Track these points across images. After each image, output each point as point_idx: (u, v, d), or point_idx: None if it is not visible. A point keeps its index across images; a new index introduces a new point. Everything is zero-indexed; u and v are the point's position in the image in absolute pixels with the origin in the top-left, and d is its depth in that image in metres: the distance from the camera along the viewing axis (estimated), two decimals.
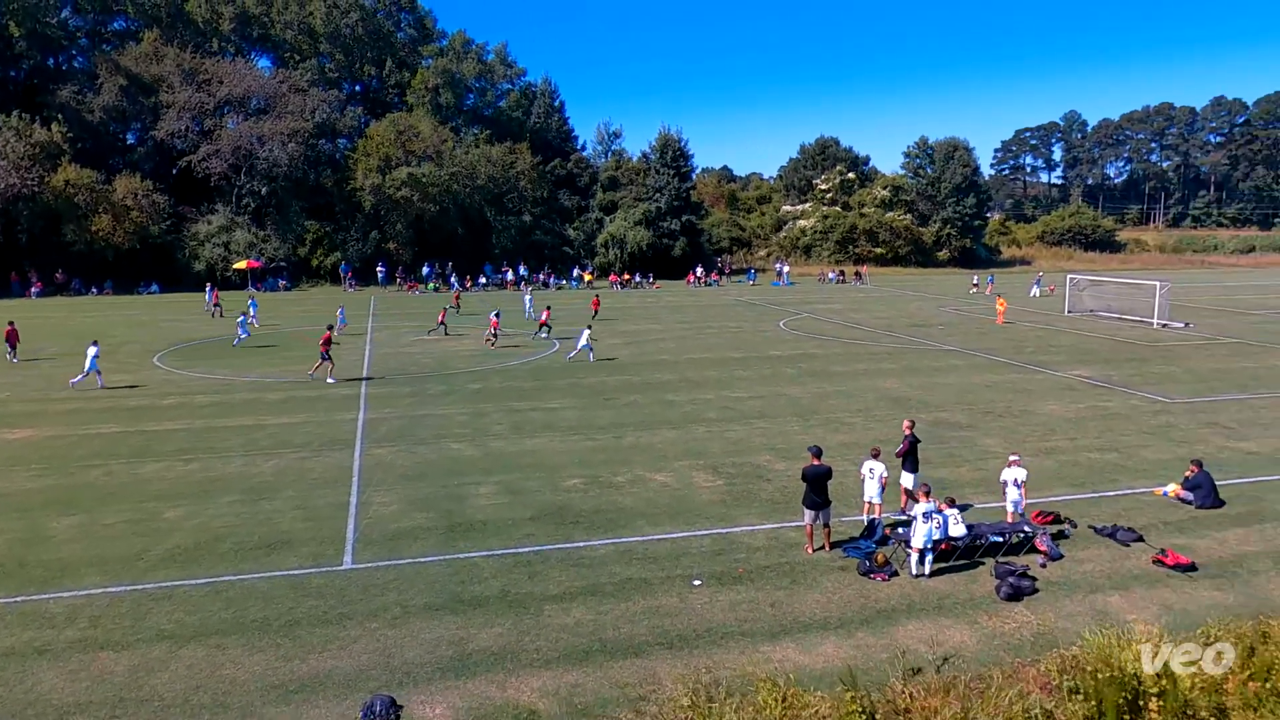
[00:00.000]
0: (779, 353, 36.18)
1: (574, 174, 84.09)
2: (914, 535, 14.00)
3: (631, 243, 76.14)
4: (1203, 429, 23.16)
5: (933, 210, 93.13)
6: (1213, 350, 36.74)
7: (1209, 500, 17.03)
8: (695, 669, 11.13)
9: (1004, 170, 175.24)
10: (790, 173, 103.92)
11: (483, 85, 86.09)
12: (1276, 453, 20.83)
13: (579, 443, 21.98)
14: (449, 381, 30.03)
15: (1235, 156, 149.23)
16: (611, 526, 16.11)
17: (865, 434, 21.77)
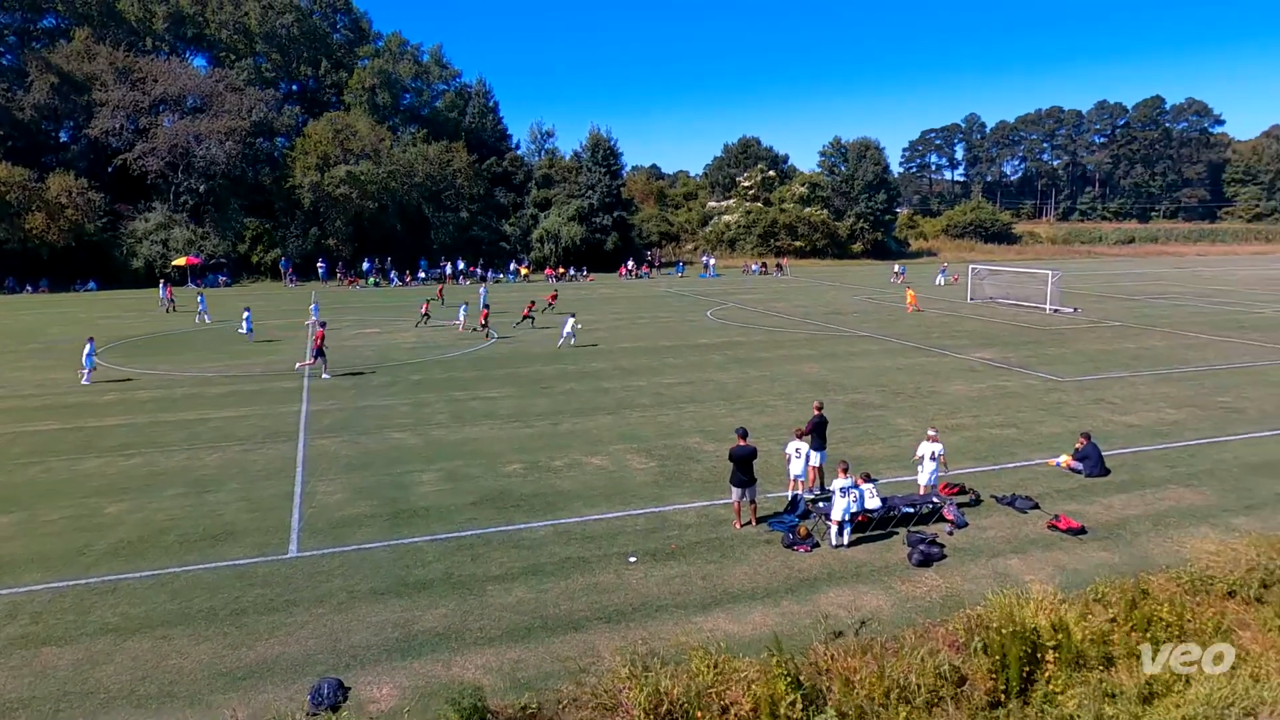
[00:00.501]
0: (707, 341, 36.44)
1: (509, 172, 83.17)
2: (833, 509, 14.29)
3: (565, 238, 75.79)
4: (1090, 405, 24.11)
5: (847, 206, 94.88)
6: (1098, 333, 38.27)
7: (1096, 469, 17.76)
8: (632, 640, 11.18)
9: (911, 168, 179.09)
10: (715, 171, 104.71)
11: (419, 86, 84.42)
12: (1155, 425, 21.83)
13: (518, 430, 21.82)
14: (391, 373, 29.48)
15: (1117, 156, 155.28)
16: (550, 509, 16.05)
17: (788, 416, 22.10)
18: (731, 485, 15.12)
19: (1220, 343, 34.88)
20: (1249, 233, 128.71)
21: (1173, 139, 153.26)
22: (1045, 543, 14.46)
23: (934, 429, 16.76)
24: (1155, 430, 21.33)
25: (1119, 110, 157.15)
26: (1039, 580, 12.56)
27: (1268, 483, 17.28)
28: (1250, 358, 31.33)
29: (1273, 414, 22.77)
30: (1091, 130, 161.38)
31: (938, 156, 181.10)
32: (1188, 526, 15.06)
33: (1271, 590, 12.25)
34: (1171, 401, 24.32)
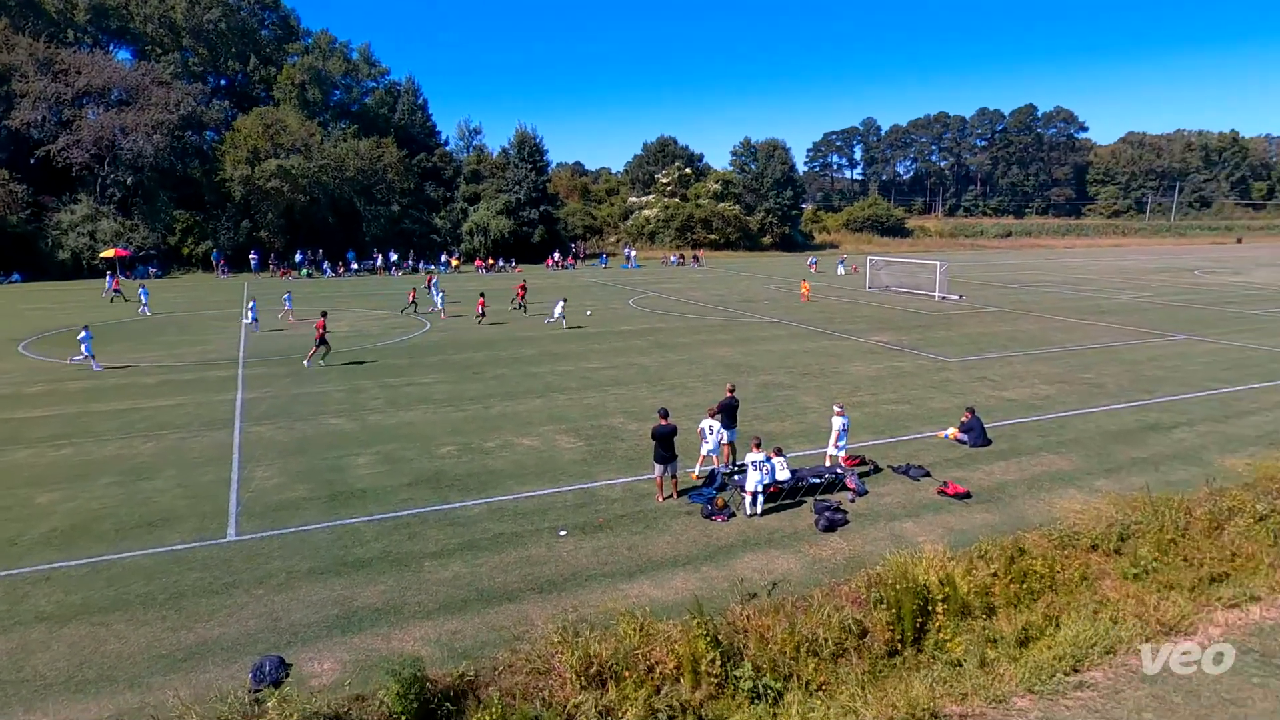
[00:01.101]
0: (629, 327, 36.52)
1: (438, 167, 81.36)
2: (747, 481, 14.56)
3: (494, 230, 74.68)
4: (974, 382, 25.14)
5: (757, 201, 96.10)
6: (980, 317, 39.88)
7: (980, 440, 18.56)
8: (563, 609, 11.20)
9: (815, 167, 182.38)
10: (635, 168, 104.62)
11: (349, 83, 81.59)
12: (1029, 399, 22.91)
13: (451, 413, 21.50)
14: (326, 361, 28.60)
15: (996, 158, 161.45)
16: (484, 488, 15.90)
17: (705, 396, 22.37)
18: (654, 462, 15.25)
19: (1084, 326, 36.78)
20: (1108, 227, 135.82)
21: (1043, 143, 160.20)
22: (935, 507, 15.05)
23: (840, 405, 17.25)
24: (1030, 404, 22.39)
25: (997, 116, 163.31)
26: (930, 541, 13.09)
27: (1124, 449, 18.37)
28: (1109, 339, 33.15)
29: (1128, 388, 24.17)
30: (974, 134, 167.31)
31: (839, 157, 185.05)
32: (1057, 489, 15.89)
33: (1128, 543, 13.06)
34: (1043, 378, 25.55)
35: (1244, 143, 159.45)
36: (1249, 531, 13.54)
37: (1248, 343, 32.15)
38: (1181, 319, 38.83)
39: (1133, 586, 12.00)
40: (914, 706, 9.26)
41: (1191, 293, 50.96)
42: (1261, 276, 62.47)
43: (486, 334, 34.27)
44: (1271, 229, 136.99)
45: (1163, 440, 19.07)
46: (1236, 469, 16.87)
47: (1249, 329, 35.74)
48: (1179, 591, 11.83)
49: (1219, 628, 11.20)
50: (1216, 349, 30.78)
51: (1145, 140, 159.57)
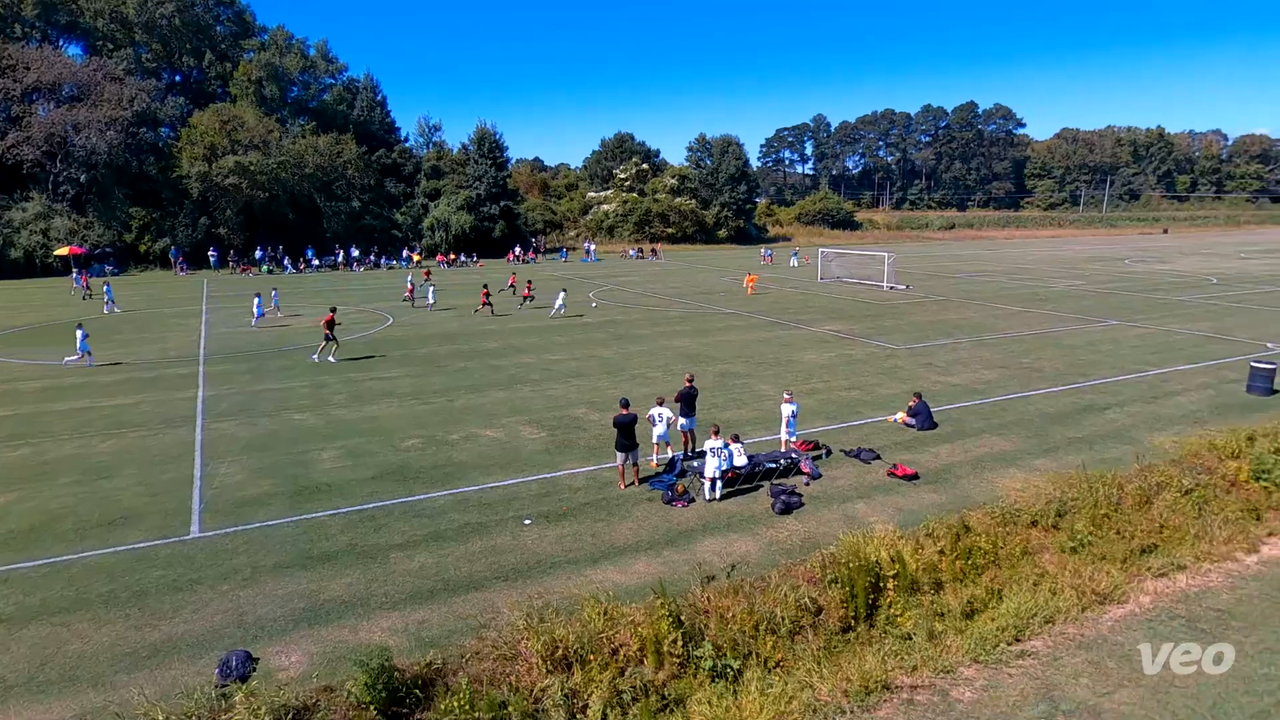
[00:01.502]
0: (590, 320, 36.43)
1: (398, 163, 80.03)
2: (706, 467, 14.66)
3: (455, 226, 73.77)
4: (920, 368, 25.61)
5: (712, 196, 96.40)
6: (926, 306, 40.60)
7: (927, 424, 18.93)
8: (529, 596, 11.18)
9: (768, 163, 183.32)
10: (594, 163, 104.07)
11: (306, 79, 79.64)
12: (972, 384, 23.42)
13: (415, 407, 21.25)
14: (287, 357, 28.04)
15: (940, 153, 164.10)
16: (448, 479, 15.77)
17: (665, 386, 22.44)
18: (616, 450, 15.28)
19: (1023, 313, 37.67)
20: (1045, 219, 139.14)
21: (984, 139, 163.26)
22: (886, 488, 15.33)
23: (789, 392, 17.42)
24: (973, 389, 22.89)
25: (941, 113, 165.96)
26: (881, 521, 13.33)
27: (1061, 430, 18.89)
28: (1046, 325, 34.02)
29: (1065, 372, 24.84)
30: (919, 131, 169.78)
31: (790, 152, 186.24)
32: (999, 469, 16.29)
33: (1065, 518, 13.45)
34: (985, 364, 26.13)
35: (1169, 138, 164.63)
36: (1175, 505, 14.05)
37: (1174, 327, 33.26)
38: (1113, 306, 39.99)
39: (1070, 559, 12.38)
40: (867, 679, 9.45)
41: (1122, 281, 52.51)
42: (1185, 265, 64.60)
43: (449, 328, 33.91)
44: (1195, 220, 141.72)
45: (1097, 420, 19.66)
46: (1164, 446, 17.47)
47: (1175, 315, 36.97)
48: (1112, 563, 12.22)
49: (1149, 596, 11.61)
50: (1146, 334, 31.79)
51: (1079, 136, 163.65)
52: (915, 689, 9.51)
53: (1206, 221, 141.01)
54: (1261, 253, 77.49)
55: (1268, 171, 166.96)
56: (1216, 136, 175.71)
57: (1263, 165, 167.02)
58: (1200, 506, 14.09)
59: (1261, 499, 14.63)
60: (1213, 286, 48.92)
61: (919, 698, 9.38)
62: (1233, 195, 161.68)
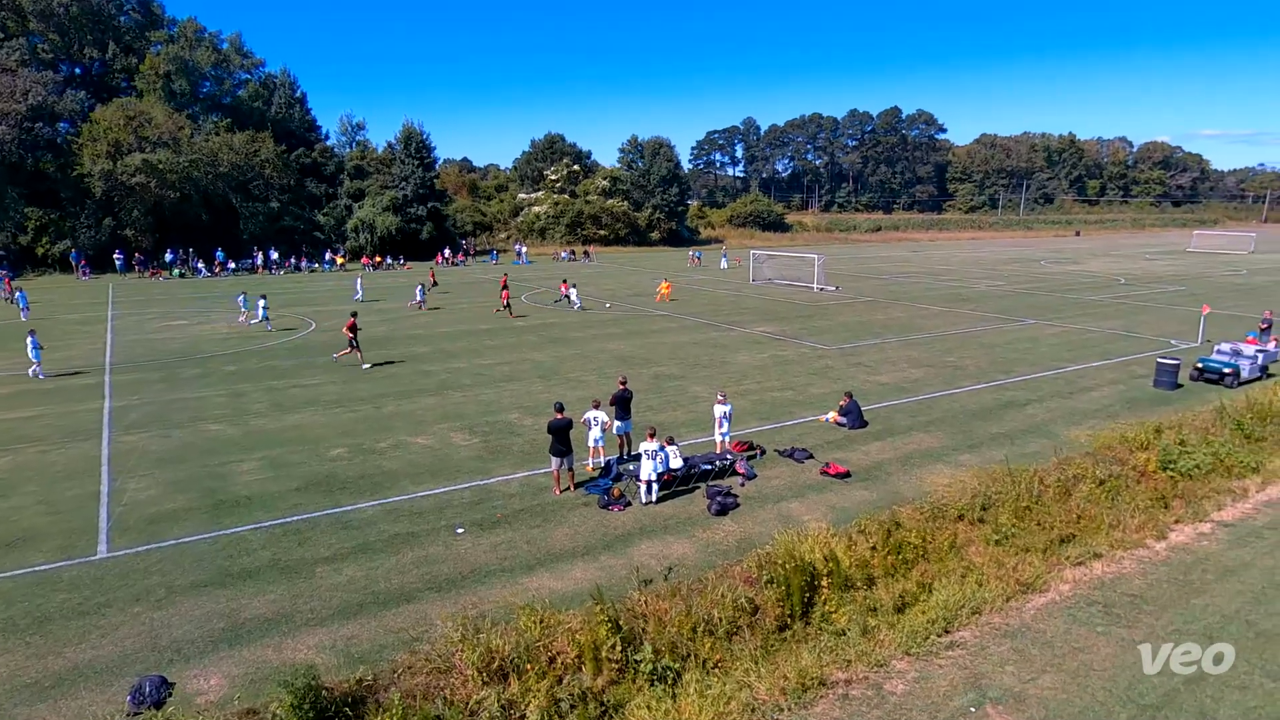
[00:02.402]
0: (522, 323, 36.14)
1: (320, 163, 77.79)
2: (642, 470, 14.70)
3: (381, 227, 72.06)
4: (850, 368, 26.27)
5: (644, 198, 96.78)
6: (855, 307, 41.68)
7: (857, 422, 19.42)
8: (463, 606, 11.01)
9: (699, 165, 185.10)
10: (524, 164, 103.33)
11: (219, 74, 76.61)
12: (901, 383, 24.14)
13: (341, 415, 20.68)
14: (202, 365, 26.93)
15: (866, 157, 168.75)
16: (377, 489, 15.40)
17: (599, 389, 22.42)
18: (551, 455, 15.19)
19: (947, 313, 39.05)
20: (966, 222, 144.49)
21: (908, 144, 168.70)
22: (819, 487, 15.66)
23: (723, 393, 17.63)
24: (901, 387, 23.59)
25: (866, 118, 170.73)
26: (815, 519, 13.61)
27: (984, 425, 19.65)
28: (969, 325, 35.33)
29: (987, 370, 25.84)
30: (845, 134, 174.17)
31: (721, 155, 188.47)
32: (927, 465, 16.83)
33: (989, 511, 13.99)
34: (912, 362, 26.97)
35: (1080, 145, 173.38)
36: (1091, 495, 14.77)
37: (1087, 325, 34.99)
38: (1031, 305, 41.81)
39: (995, 551, 12.87)
40: (804, 676, 9.62)
41: (1039, 281, 54.96)
42: (1096, 266, 68.05)
43: (376, 333, 33.13)
44: (1104, 223, 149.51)
45: (1018, 416, 20.51)
46: (1080, 439, 18.35)
47: (1088, 313, 38.90)
48: (1034, 553, 12.76)
49: (1068, 584, 12.17)
50: (1062, 332, 33.35)
51: (996, 142, 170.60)
52: (850, 684, 9.74)
53: (1115, 224, 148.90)
54: (1164, 254, 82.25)
55: (1169, 177, 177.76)
56: (1123, 143, 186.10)
57: (1164, 171, 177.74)
58: (1114, 496, 14.85)
59: (1168, 488, 15.51)
60: (1121, 286, 51.69)
61: (854, 692, 9.61)
62: (1138, 199, 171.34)
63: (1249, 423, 18.65)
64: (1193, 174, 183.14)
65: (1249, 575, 12.50)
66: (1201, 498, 15.21)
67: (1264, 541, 13.68)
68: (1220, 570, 12.65)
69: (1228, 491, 15.59)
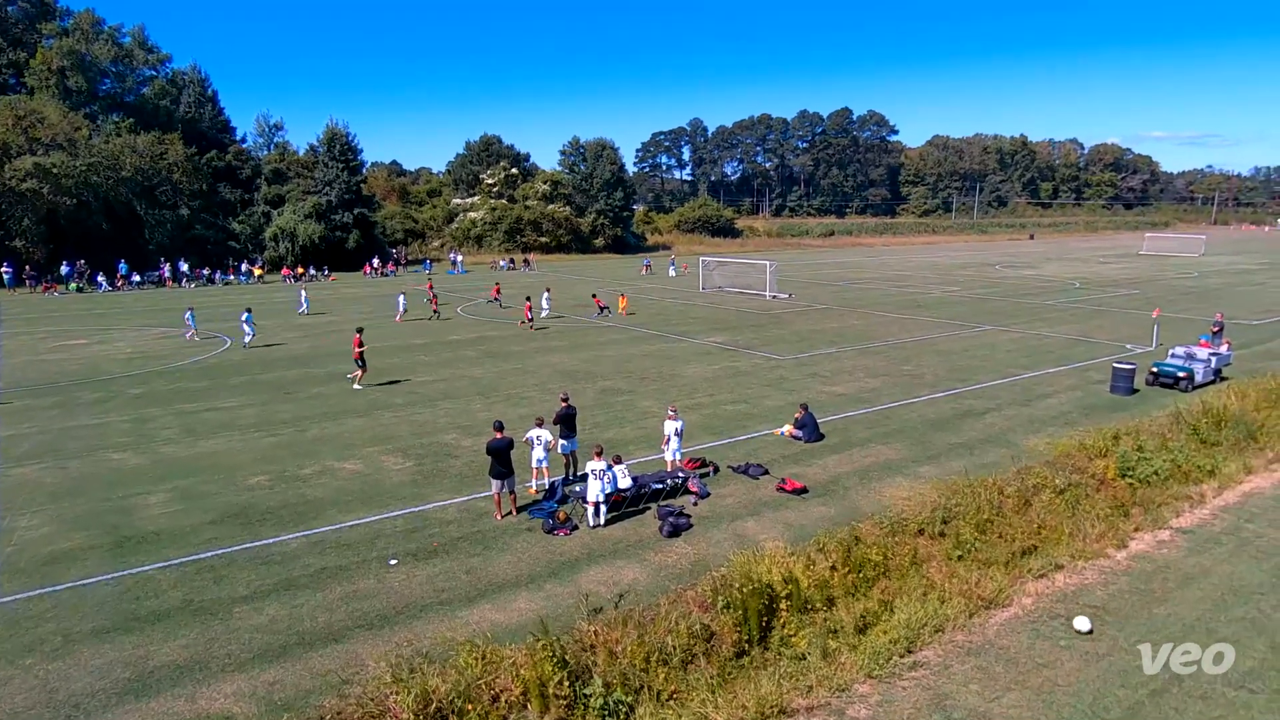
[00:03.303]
0: (458, 337, 35.75)
1: (234, 166, 75.96)
2: (589, 491, 14.64)
3: (303, 236, 70.57)
4: (806, 378, 26.64)
5: (588, 203, 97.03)
6: (809, 315, 42.34)
7: (814, 435, 19.69)
8: (397, 644, 10.78)
9: (644, 168, 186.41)
10: (458, 168, 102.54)
11: (121, 70, 74.27)
12: (858, 393, 24.56)
13: (261, 439, 20.13)
14: (104, 388, 25.94)
15: (817, 160, 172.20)
16: (302, 519, 15.00)
17: (543, 406, 22.28)
18: (491, 478, 15.02)
19: (903, 320, 39.95)
20: (920, 226, 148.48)
21: (859, 145, 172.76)
22: (775, 504, 15.80)
23: (674, 408, 17.69)
24: (858, 397, 24.01)
25: (817, 119, 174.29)
26: (771, 538, 13.71)
27: (943, 436, 20.11)
28: (924, 332, 36.20)
29: (945, 378, 26.48)
30: (796, 136, 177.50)
31: (668, 157, 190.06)
32: (886, 478, 17.14)
33: (950, 525, 14.29)
34: (869, 372, 27.49)
35: (1032, 147, 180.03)
36: (1051, 505, 15.23)
37: (1043, 330, 36.19)
38: (987, 311, 43.06)
39: (957, 566, 13.15)
40: (763, 705, 9.65)
41: (994, 286, 56.68)
42: (1051, 270, 70.50)
43: (298, 350, 32.38)
44: (1057, 226, 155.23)
45: (976, 425, 21.06)
46: (1039, 448, 18.92)
47: (1043, 319, 40.23)
48: (996, 567, 13.08)
49: (1030, 598, 12.50)
50: (1018, 338, 34.41)
51: (949, 144, 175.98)
52: (812, 710, 9.81)
53: (1068, 227, 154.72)
54: (1117, 257, 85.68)
55: (1120, 179, 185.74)
56: (1074, 145, 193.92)
57: (1115, 173, 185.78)
58: (1074, 506, 15.33)
59: (1127, 496, 16.09)
60: (1076, 290, 53.62)
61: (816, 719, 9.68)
62: (1090, 202, 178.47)
63: (1204, 427, 19.49)
64: (1143, 176, 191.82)
65: (1209, 582, 13.02)
66: (1160, 505, 15.81)
67: (1222, 547, 14.27)
68: (1181, 578, 13.15)
69: (1185, 498, 16.25)
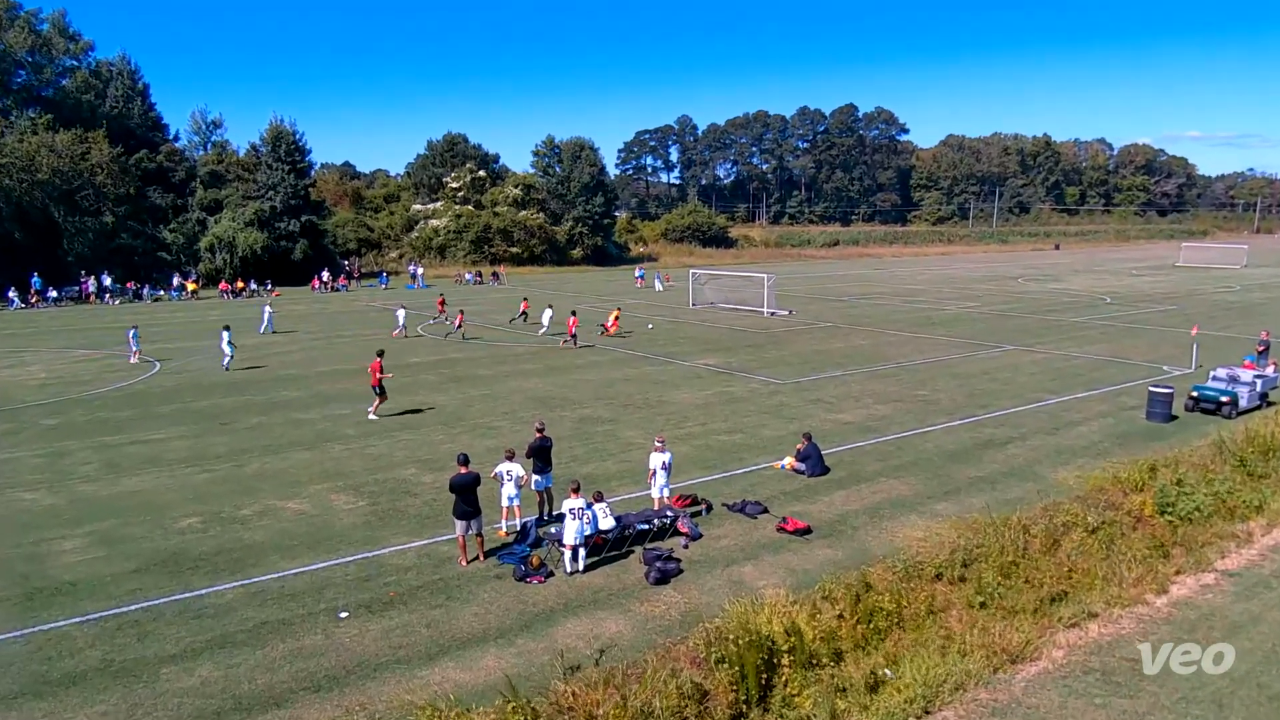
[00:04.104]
0: (419, 359, 35.66)
1: (167, 168, 75.79)
2: (565, 533, 14.56)
3: (243, 246, 70.38)
4: (808, 405, 26.73)
5: (564, 209, 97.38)
6: (812, 334, 42.56)
7: (818, 469, 19.72)
8: (348, 708, 10.65)
9: (628, 170, 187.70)
10: (419, 170, 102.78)
11: (38, 61, 74.05)
12: (866, 421, 24.66)
13: (193, 476, 19.94)
14: (13, 418, 25.64)
15: (819, 161, 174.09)
16: (239, 567, 14.83)
17: (513, 437, 22.21)
18: (454, 518, 14.92)
19: (916, 339, 40.23)
20: (934, 235, 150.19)
21: (866, 145, 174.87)
22: (775, 546, 15.78)
23: (661, 438, 17.66)
24: (866, 426, 24.10)
25: (819, 116, 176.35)
26: (771, 585, 13.68)
27: (961, 469, 20.20)
28: (940, 351, 36.47)
29: (963, 404, 26.65)
30: (795, 135, 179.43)
31: (653, 158, 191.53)
32: (899, 516, 17.17)
33: (971, 569, 14.31)
34: (878, 397, 27.62)
35: (1056, 147, 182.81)
36: (1083, 546, 15.29)
37: (1070, 351, 36.54)
38: (1009, 329, 43.46)
39: (978, 615, 13.15)
40: None
41: (1016, 301, 57.24)
42: (1079, 283, 71.34)
43: (234, 376, 32.17)
44: (1085, 235, 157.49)
45: (998, 457, 21.17)
46: (1068, 482, 19.03)
47: (1071, 337, 40.65)
48: (1023, 616, 13.09)
49: (1061, 650, 12.51)
50: (1043, 359, 34.72)
51: (965, 144, 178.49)
52: None
53: (1097, 236, 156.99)
54: (1151, 269, 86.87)
55: (1153, 183, 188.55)
56: (1102, 146, 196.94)
57: (1148, 177, 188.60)
58: (1108, 546, 15.39)
59: (1167, 534, 16.19)
60: (1107, 306, 54.25)
61: None
62: (1120, 208, 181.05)
63: (1250, 458, 19.68)
64: (1178, 180, 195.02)
65: (1259, 631, 13.08)
66: (1203, 544, 15.90)
67: (1273, 592, 14.37)
68: (1228, 627, 13.20)
69: (1231, 536, 16.36)
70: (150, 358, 35.42)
